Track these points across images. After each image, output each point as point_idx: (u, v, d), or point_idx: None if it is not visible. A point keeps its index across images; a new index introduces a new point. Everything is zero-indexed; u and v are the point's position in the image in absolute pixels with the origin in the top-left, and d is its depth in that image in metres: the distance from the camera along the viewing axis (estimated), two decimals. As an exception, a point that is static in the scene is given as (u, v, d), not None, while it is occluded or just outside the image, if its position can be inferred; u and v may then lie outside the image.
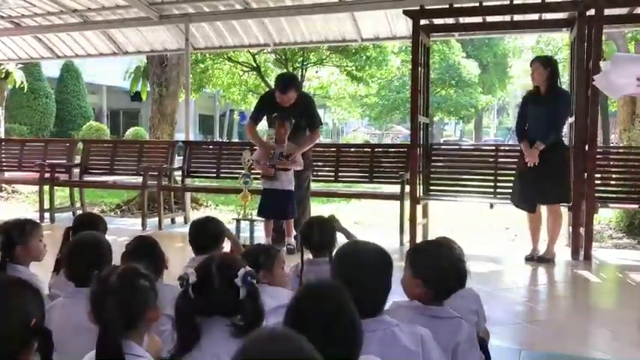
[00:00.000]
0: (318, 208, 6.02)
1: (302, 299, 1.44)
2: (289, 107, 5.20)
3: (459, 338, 1.78)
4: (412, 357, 1.61)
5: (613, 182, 5.97)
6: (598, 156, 5.52)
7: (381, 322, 1.66)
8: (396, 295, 1.89)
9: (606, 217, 6.87)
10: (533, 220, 5.21)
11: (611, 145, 11.78)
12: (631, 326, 3.58)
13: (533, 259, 5.14)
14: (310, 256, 2.82)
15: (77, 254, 2.17)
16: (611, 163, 6.17)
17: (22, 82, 9.90)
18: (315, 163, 6.10)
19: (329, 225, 2.94)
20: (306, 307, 1.40)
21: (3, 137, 9.78)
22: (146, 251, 2.43)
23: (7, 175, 8.69)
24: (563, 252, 5.34)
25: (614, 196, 5.76)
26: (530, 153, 4.95)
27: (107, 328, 1.49)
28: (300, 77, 15.03)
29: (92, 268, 2.07)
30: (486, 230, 6.82)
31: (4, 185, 9.20)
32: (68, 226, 2.81)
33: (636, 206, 5.82)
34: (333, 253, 1.99)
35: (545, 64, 5.08)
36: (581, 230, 5.20)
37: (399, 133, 34.61)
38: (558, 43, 20.12)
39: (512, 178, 5.41)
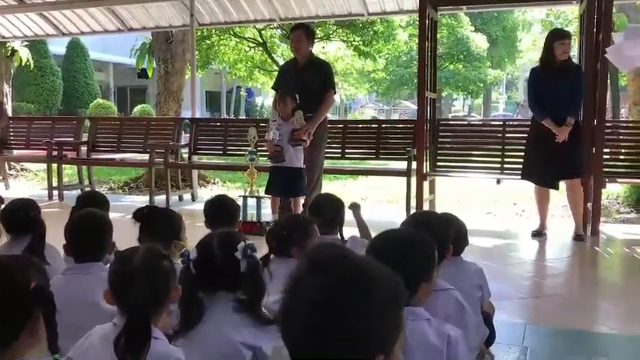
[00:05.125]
0: (326, 185, 6.01)
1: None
2: (305, 71, 5.15)
3: (448, 310, 1.77)
4: (435, 353, 1.58)
5: (622, 157, 5.92)
6: (607, 130, 5.46)
7: (412, 312, 1.61)
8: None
9: (614, 192, 6.83)
10: (541, 195, 5.18)
11: (621, 119, 11.64)
12: (637, 301, 3.58)
13: (539, 234, 5.13)
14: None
15: (75, 230, 2.18)
16: (621, 137, 6.10)
17: (28, 60, 9.83)
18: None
19: (338, 202, 2.94)
20: None
21: (11, 115, 9.78)
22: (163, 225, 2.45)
23: (15, 153, 8.75)
24: (569, 227, 5.33)
25: (622, 170, 5.72)
26: (560, 130, 4.83)
27: (134, 310, 1.46)
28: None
29: (91, 244, 2.10)
30: (493, 206, 6.81)
31: (12, 163, 9.26)
32: (73, 206, 2.82)
33: (645, 181, 5.77)
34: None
35: (571, 37, 5.02)
36: (589, 205, 5.18)
37: (406, 108, 34.41)
38: (568, 16, 19.81)
39: (522, 154, 5.36)
